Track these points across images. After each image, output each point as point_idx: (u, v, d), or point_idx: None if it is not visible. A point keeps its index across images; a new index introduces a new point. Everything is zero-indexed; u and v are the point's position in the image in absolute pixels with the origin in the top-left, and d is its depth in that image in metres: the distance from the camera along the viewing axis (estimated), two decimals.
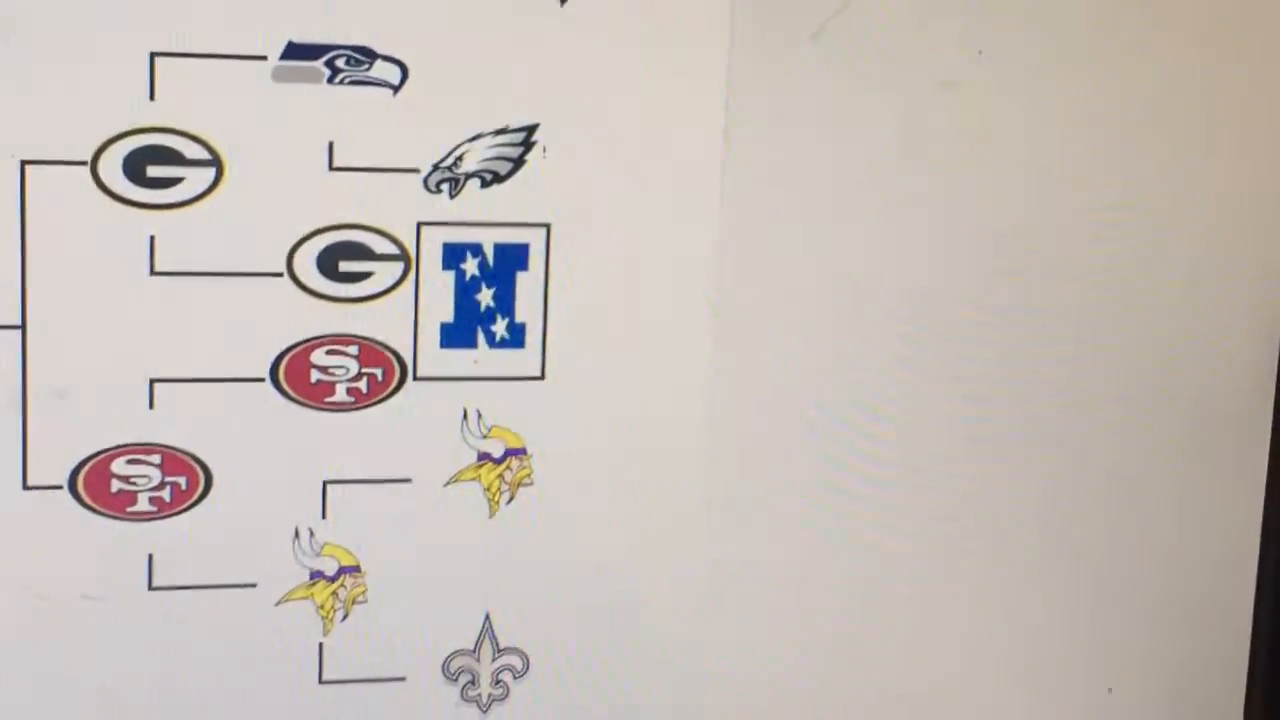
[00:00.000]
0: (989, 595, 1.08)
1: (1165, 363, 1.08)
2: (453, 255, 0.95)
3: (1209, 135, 1.06)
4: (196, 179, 0.90)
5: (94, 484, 0.91)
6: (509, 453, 0.98)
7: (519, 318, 0.96)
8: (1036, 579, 1.09)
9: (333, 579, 0.96)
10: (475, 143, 0.93)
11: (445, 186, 0.93)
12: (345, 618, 0.97)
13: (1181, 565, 1.12)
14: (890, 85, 1.00)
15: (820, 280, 1.01)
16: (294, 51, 0.90)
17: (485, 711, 1.01)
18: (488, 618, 0.99)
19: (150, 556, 0.93)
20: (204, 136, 0.89)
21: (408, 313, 0.94)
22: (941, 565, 1.07)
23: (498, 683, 1.00)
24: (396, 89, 0.92)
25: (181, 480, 0.93)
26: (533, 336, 0.97)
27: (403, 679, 0.99)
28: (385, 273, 0.94)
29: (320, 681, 0.97)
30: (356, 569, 0.97)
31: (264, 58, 0.89)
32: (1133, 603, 1.11)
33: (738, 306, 0.99)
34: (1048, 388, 1.06)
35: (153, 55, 0.88)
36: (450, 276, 0.95)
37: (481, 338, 0.96)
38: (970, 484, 1.06)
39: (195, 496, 0.93)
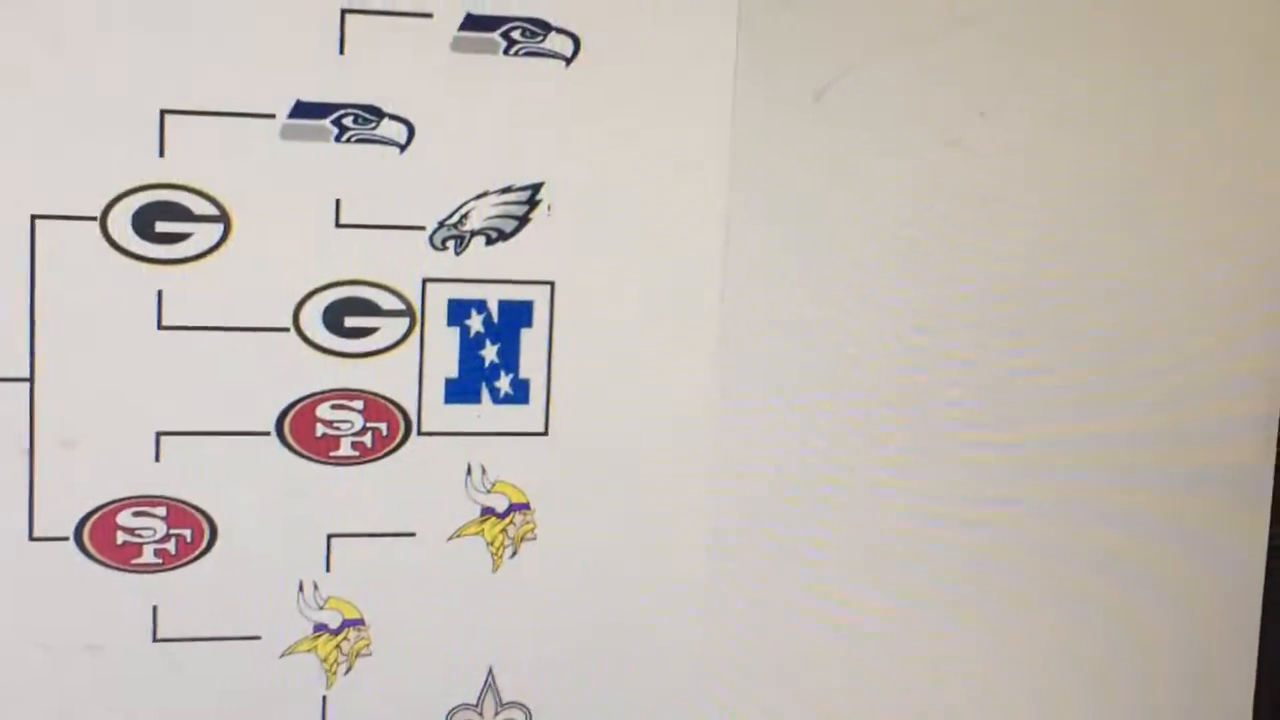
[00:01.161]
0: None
1: (1170, 403, 1.08)
2: (457, 311, 0.95)
3: (1211, 191, 1.06)
4: (204, 235, 0.91)
5: (100, 535, 0.92)
6: (512, 507, 0.98)
7: (523, 374, 0.97)
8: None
9: (336, 632, 0.97)
10: (480, 200, 0.94)
11: (451, 244, 0.94)
12: (349, 671, 0.97)
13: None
14: (894, 145, 1.01)
15: (825, 339, 1.01)
16: (302, 110, 0.91)
17: None
18: (490, 672, 1.00)
19: (155, 608, 0.94)
20: (212, 193, 0.90)
21: (412, 368, 0.95)
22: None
23: None
24: (403, 147, 0.93)
25: (187, 532, 0.94)
26: (536, 392, 0.97)
27: None
28: (390, 328, 0.95)
29: None
30: (360, 622, 0.97)
31: (272, 115, 0.90)
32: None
33: (741, 364, 1.00)
34: (1051, 438, 1.07)
35: (163, 112, 0.89)
36: (455, 333, 0.96)
37: (486, 393, 0.97)
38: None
39: (200, 549, 0.94)
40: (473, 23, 0.93)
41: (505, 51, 0.93)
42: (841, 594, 1.05)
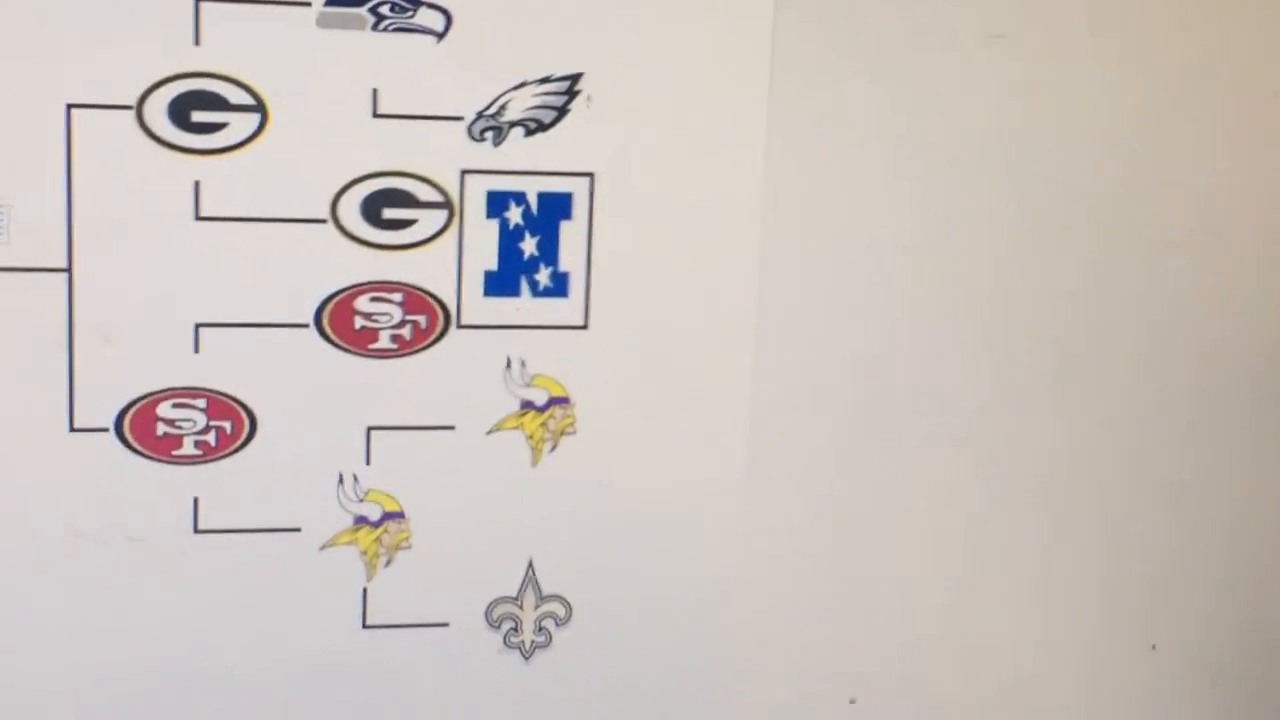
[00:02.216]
0: (1037, 554, 1.08)
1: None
2: (496, 203, 0.95)
3: (1259, 85, 1.05)
4: (241, 124, 0.90)
5: (140, 427, 0.92)
6: (552, 401, 0.98)
7: (562, 266, 0.96)
8: (1082, 540, 1.09)
9: (376, 524, 0.97)
10: (519, 91, 0.93)
11: (489, 135, 0.94)
12: (389, 563, 0.98)
13: (1232, 525, 1.11)
14: (936, 37, 0.99)
15: (869, 229, 1.01)
16: None
17: (528, 659, 1.01)
18: (531, 565, 1.00)
19: (195, 500, 0.94)
20: (248, 82, 0.90)
21: (451, 260, 0.95)
22: (988, 522, 1.07)
23: (540, 630, 1.01)
24: (441, 36, 0.92)
25: (226, 425, 0.94)
26: (576, 285, 0.97)
27: (446, 625, 0.99)
28: (429, 220, 0.94)
29: (364, 626, 0.98)
30: (400, 515, 0.97)
31: (309, 3, 0.90)
32: (1179, 562, 1.11)
33: (783, 253, 0.99)
34: (1093, 359, 1.06)
35: (197, 1, 0.88)
36: (494, 225, 0.95)
37: (525, 286, 0.96)
38: (1017, 444, 1.06)
39: (240, 441, 0.94)
40: None
41: None
42: (883, 484, 1.04)
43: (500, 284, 0.96)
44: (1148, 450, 1.08)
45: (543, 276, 0.96)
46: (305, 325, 0.93)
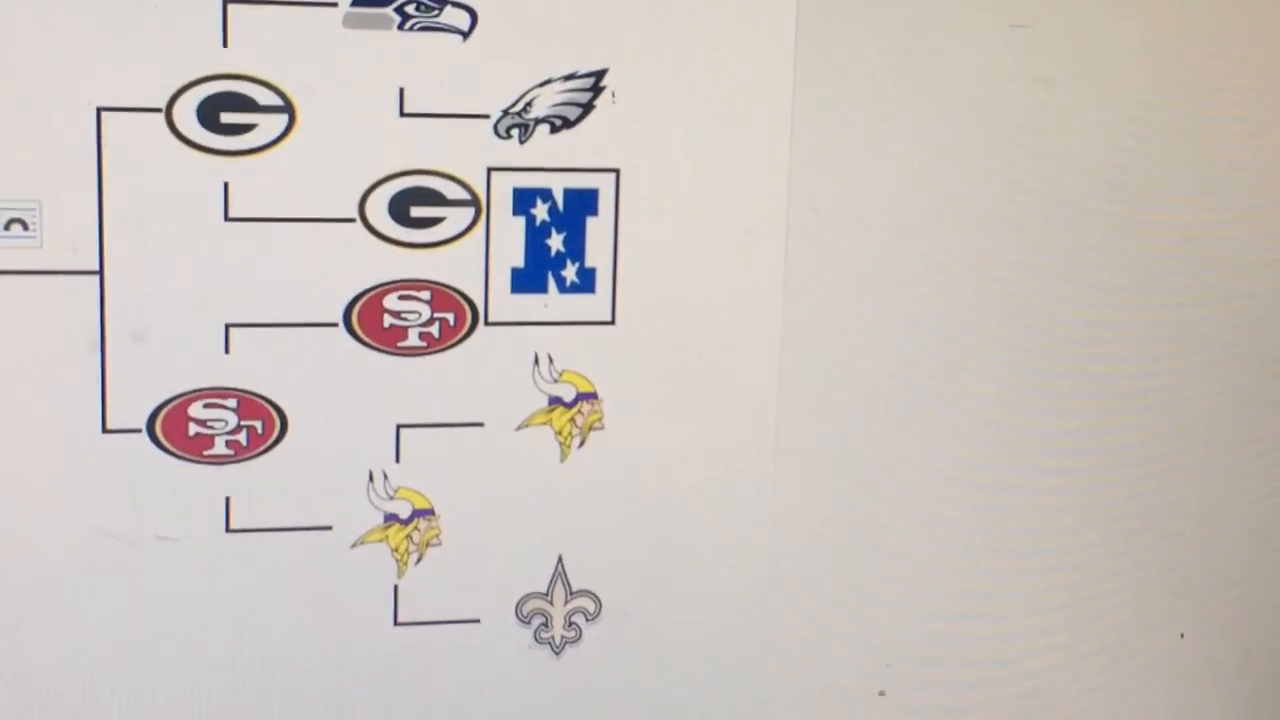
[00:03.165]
0: (1062, 544, 1.09)
1: (1259, 320, 1.08)
2: (523, 200, 0.95)
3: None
4: (269, 125, 0.90)
5: (172, 427, 0.93)
6: (580, 397, 0.98)
7: (589, 263, 0.97)
8: (1108, 530, 1.09)
9: (407, 522, 0.97)
10: (545, 88, 0.94)
11: (515, 132, 0.94)
12: (419, 560, 0.98)
13: (1257, 511, 1.12)
14: (959, 28, 1.00)
15: (894, 224, 1.01)
16: None
17: (558, 654, 1.01)
18: (560, 561, 1.00)
19: (227, 499, 0.94)
20: (276, 83, 0.90)
21: (479, 258, 0.95)
22: (1013, 514, 1.07)
23: (570, 625, 1.01)
24: (466, 35, 0.92)
25: (258, 424, 0.94)
26: (603, 281, 0.97)
27: (476, 621, 1.00)
28: (456, 218, 0.94)
29: (395, 624, 0.98)
30: (430, 512, 0.98)
31: (335, 4, 0.90)
32: (1206, 549, 1.11)
33: (808, 251, 0.99)
34: (1127, 348, 1.06)
35: (225, 2, 0.88)
36: (521, 222, 0.95)
37: (552, 283, 0.97)
38: (1041, 436, 1.06)
39: (271, 440, 0.94)
40: None
41: None
42: (909, 477, 1.05)
43: (527, 281, 0.96)
44: (1171, 438, 1.09)
45: (569, 273, 0.97)
46: (335, 324, 0.94)
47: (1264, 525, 1.12)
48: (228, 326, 0.92)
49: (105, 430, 0.92)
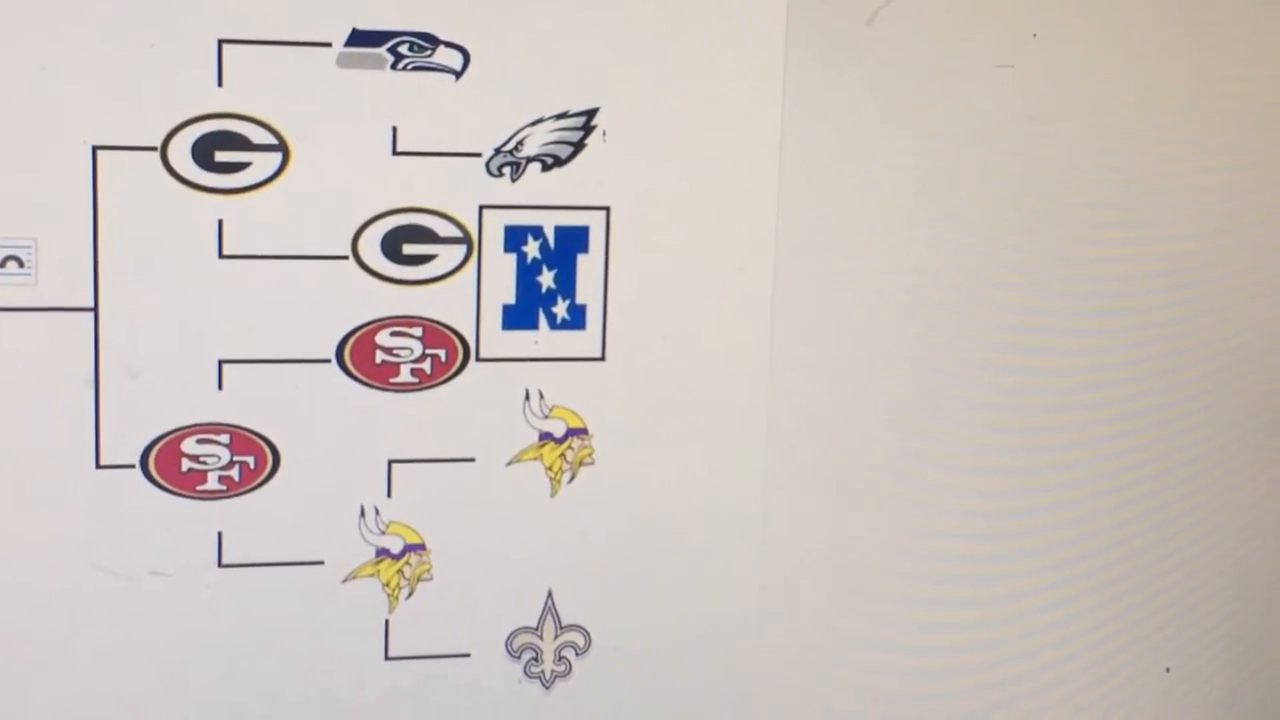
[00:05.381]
0: (1048, 578, 1.09)
1: (1240, 356, 1.09)
2: (514, 238, 0.96)
3: (1267, 112, 1.06)
4: (263, 164, 0.91)
5: (165, 463, 0.93)
6: (570, 432, 0.99)
7: (580, 299, 0.98)
8: (1095, 562, 1.09)
9: (398, 557, 0.98)
10: (536, 127, 0.95)
11: (507, 170, 0.95)
12: (410, 595, 0.99)
13: (1243, 548, 1.12)
14: (945, 68, 1.01)
15: (879, 262, 1.02)
16: (358, 38, 0.91)
17: (548, 688, 1.02)
18: (550, 595, 1.01)
19: (220, 534, 0.95)
20: (270, 122, 0.91)
21: (470, 295, 0.96)
22: (1003, 551, 1.08)
23: (560, 659, 1.02)
24: (459, 74, 0.93)
25: (250, 459, 0.95)
26: (593, 318, 0.98)
27: (467, 655, 1.00)
28: (448, 255, 0.95)
29: (386, 658, 0.99)
30: (421, 547, 0.98)
31: (329, 44, 0.91)
32: (1193, 585, 1.12)
33: (796, 287, 1.00)
34: (1114, 387, 1.07)
35: (221, 42, 0.89)
36: (512, 259, 0.96)
37: (543, 319, 0.97)
38: (1032, 475, 1.07)
39: (264, 475, 0.95)
40: None
41: None
42: (899, 513, 1.05)
43: (518, 317, 0.97)
44: (1158, 475, 1.09)
45: (560, 309, 0.97)
46: (327, 360, 0.94)
47: (1250, 561, 1.12)
48: (221, 362, 0.93)
49: (99, 466, 0.92)
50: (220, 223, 0.91)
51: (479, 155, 0.94)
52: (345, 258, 0.93)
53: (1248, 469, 1.11)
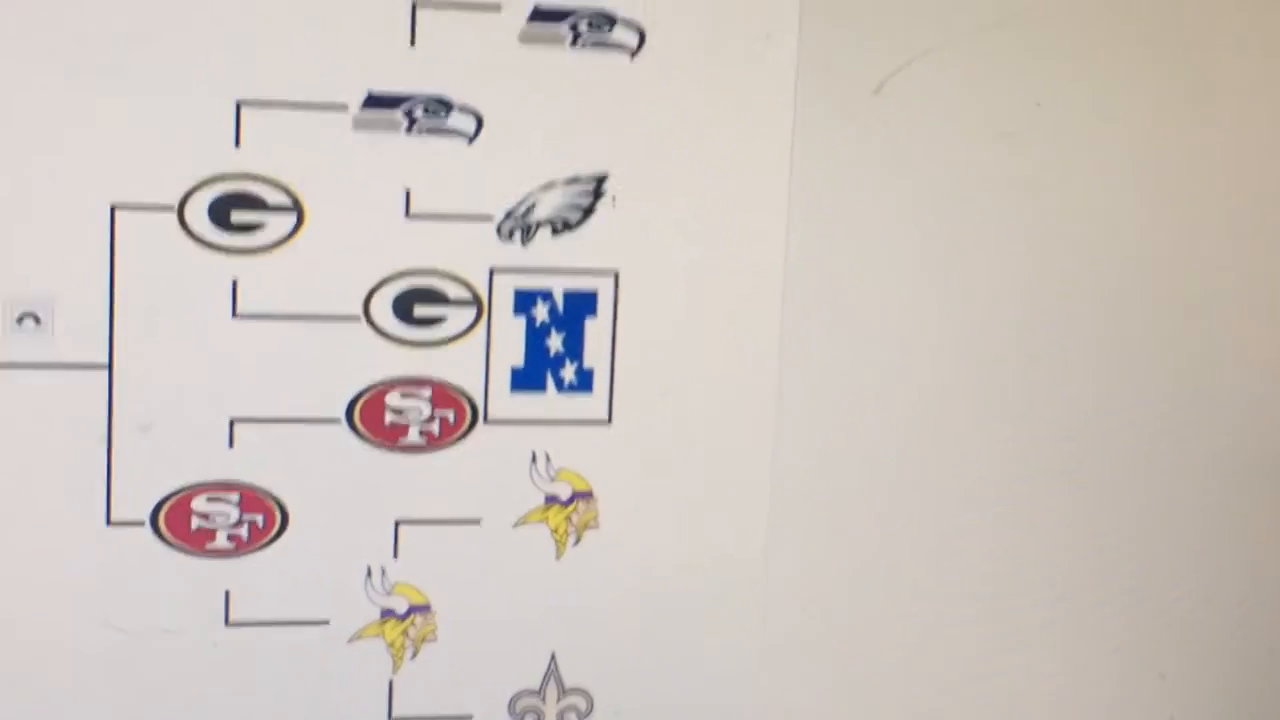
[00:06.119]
0: (1052, 633, 1.09)
1: (1217, 382, 1.10)
2: (524, 301, 0.97)
3: (1267, 182, 1.08)
4: (278, 224, 0.92)
5: (175, 521, 0.94)
6: (576, 495, 1.00)
7: (587, 363, 0.98)
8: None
9: (403, 617, 0.98)
10: (547, 191, 0.96)
11: (517, 234, 0.96)
12: (415, 655, 0.99)
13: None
14: (949, 136, 1.02)
15: (887, 321, 1.03)
16: (374, 102, 0.92)
17: None
18: (553, 658, 1.01)
19: (227, 593, 0.95)
20: (286, 183, 0.92)
21: (479, 357, 0.97)
22: (1007, 603, 1.08)
23: None
24: (472, 139, 0.94)
25: (259, 518, 0.95)
26: (600, 381, 0.99)
27: (470, 717, 1.00)
28: (458, 317, 0.96)
29: (390, 718, 0.99)
30: (427, 608, 0.98)
31: (345, 107, 0.92)
32: (1196, 632, 1.12)
33: (804, 353, 1.01)
34: (1108, 439, 1.08)
35: (239, 104, 0.90)
36: (521, 322, 0.97)
37: (551, 382, 0.98)
38: (1035, 525, 1.08)
39: (272, 534, 0.95)
40: (540, 15, 0.94)
41: (572, 44, 0.95)
42: (903, 580, 1.06)
43: (527, 380, 0.98)
44: (1162, 526, 1.09)
45: (568, 373, 0.98)
46: (337, 420, 0.95)
47: (1251, 609, 1.12)
48: (232, 421, 0.93)
49: (110, 523, 0.93)
50: (235, 282, 0.92)
51: (490, 218, 0.95)
52: (357, 319, 0.94)
53: (1255, 524, 1.11)
